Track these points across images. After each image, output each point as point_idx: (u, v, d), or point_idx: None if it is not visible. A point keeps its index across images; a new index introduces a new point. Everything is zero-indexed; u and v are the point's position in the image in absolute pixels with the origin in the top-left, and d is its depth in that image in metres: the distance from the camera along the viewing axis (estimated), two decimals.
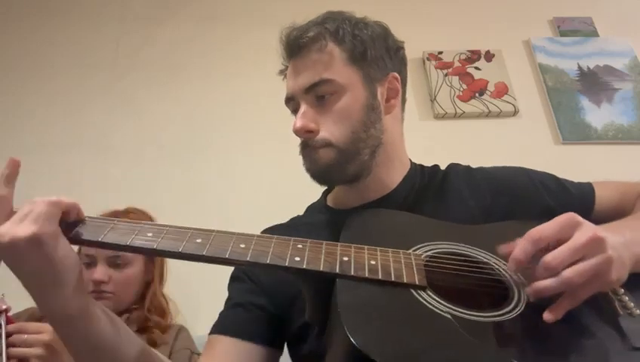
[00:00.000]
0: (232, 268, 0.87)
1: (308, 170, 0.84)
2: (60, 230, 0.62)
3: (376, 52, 0.83)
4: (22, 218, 0.61)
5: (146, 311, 1.31)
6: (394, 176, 0.87)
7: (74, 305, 0.63)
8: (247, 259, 0.62)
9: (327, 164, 0.80)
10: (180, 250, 0.63)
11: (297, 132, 0.81)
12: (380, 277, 0.61)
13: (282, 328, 0.80)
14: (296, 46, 0.82)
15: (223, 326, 0.80)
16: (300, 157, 0.85)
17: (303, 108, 0.81)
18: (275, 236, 0.66)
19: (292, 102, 0.85)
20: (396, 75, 0.87)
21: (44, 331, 0.95)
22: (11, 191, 0.64)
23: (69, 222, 0.65)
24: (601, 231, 0.58)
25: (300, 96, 0.82)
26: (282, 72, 0.89)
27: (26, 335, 0.93)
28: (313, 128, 0.80)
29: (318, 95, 0.81)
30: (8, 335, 0.93)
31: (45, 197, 0.63)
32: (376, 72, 0.84)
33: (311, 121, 0.80)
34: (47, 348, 0.93)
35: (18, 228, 0.59)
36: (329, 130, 0.80)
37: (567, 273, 0.56)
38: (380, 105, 0.84)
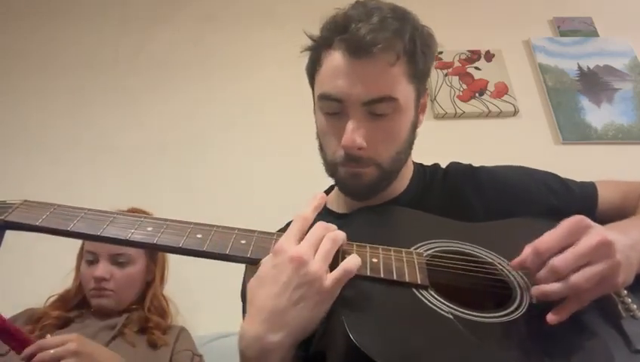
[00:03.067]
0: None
1: (344, 183, 0.80)
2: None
3: (430, 70, 0.80)
4: (315, 244, 0.58)
5: (147, 311, 1.31)
6: (402, 181, 0.86)
7: (279, 356, 0.58)
8: (248, 255, 0.62)
9: (369, 182, 0.77)
10: (180, 245, 0.62)
11: (348, 149, 0.74)
12: (381, 275, 0.61)
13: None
14: (365, 51, 0.71)
15: None
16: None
17: (354, 122, 0.73)
18: (276, 232, 0.66)
19: (335, 104, 0.75)
20: (427, 90, 0.85)
21: (70, 339, 0.94)
22: (313, 218, 0.63)
23: None
24: (609, 233, 0.58)
25: (352, 106, 0.73)
26: (311, 49, 0.79)
27: (52, 350, 0.91)
28: (364, 147, 0.74)
29: (375, 112, 0.74)
30: (30, 357, 0.89)
31: (332, 232, 0.61)
32: (423, 90, 0.81)
33: (363, 139, 0.73)
34: (78, 356, 0.92)
35: (319, 265, 0.56)
36: (376, 150, 0.75)
37: (575, 278, 0.56)
38: (418, 123, 0.82)
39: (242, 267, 0.84)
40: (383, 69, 0.72)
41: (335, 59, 0.74)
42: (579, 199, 0.84)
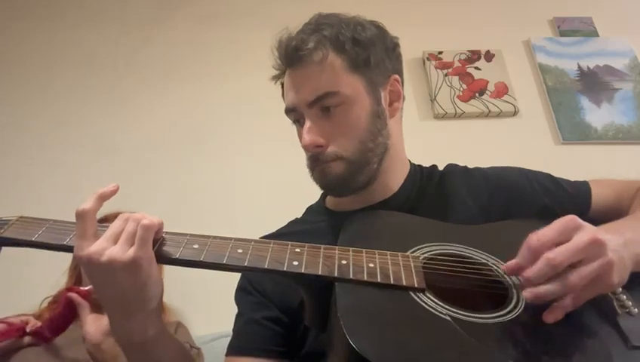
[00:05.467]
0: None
1: (318, 182, 0.82)
2: (154, 255, 0.61)
3: (376, 56, 0.81)
4: (114, 236, 0.60)
5: None
6: (397, 179, 0.87)
7: (152, 331, 0.64)
8: (245, 264, 0.62)
9: (338, 176, 0.79)
10: (176, 257, 0.63)
11: (306, 148, 0.79)
12: (378, 280, 0.61)
13: (293, 334, 0.79)
14: (296, 57, 0.78)
15: (240, 347, 0.79)
16: (305, 166, 0.83)
17: (308, 123, 0.78)
18: (273, 240, 0.66)
19: (294, 113, 0.82)
20: (397, 76, 0.85)
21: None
22: (98, 208, 0.64)
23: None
24: (601, 233, 0.58)
25: (304, 110, 0.79)
26: (276, 78, 0.87)
27: None
28: (322, 143, 0.78)
29: (323, 107, 0.78)
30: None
31: (135, 215, 0.62)
32: (379, 77, 0.82)
33: (319, 136, 0.78)
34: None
35: (115, 249, 0.58)
36: (337, 143, 0.78)
37: (571, 278, 0.56)
38: (385, 111, 0.83)
39: None
40: (315, 69, 0.77)
41: (285, 78, 0.83)
42: (573, 198, 0.85)
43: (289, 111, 0.83)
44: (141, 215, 0.62)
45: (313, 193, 0.97)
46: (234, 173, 1.85)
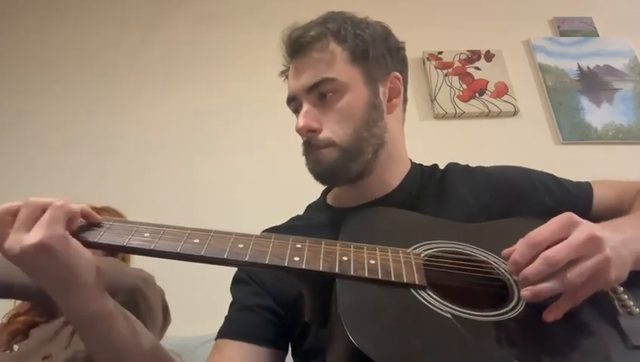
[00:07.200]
0: (230, 268, 0.87)
1: (311, 170, 0.83)
2: (67, 233, 0.61)
3: (377, 51, 0.83)
4: (25, 223, 0.60)
5: None
6: (396, 175, 0.87)
7: (94, 306, 0.64)
8: (246, 259, 0.62)
9: (330, 163, 0.79)
10: (177, 251, 0.62)
11: (300, 131, 0.80)
12: (379, 276, 0.60)
13: (288, 328, 0.79)
14: (298, 45, 0.82)
15: (230, 331, 0.79)
16: (303, 157, 0.84)
17: (305, 107, 0.80)
18: (274, 236, 0.65)
19: (294, 102, 0.84)
20: (397, 74, 0.86)
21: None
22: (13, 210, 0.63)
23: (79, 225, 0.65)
24: (599, 230, 0.57)
25: (302, 96, 0.81)
26: (283, 73, 0.89)
27: None
28: (316, 127, 0.79)
29: (320, 93, 0.80)
30: None
31: (42, 198, 0.62)
32: (378, 71, 0.83)
33: (313, 120, 0.79)
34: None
35: (25, 236, 0.58)
36: (331, 129, 0.79)
37: (569, 275, 0.55)
38: (382, 104, 0.84)
39: None
40: (315, 56, 0.81)
41: (290, 69, 0.86)
42: (575, 198, 0.85)
43: (290, 100, 0.85)
44: (45, 199, 0.62)
45: (313, 192, 0.97)
46: (234, 172, 1.85)
